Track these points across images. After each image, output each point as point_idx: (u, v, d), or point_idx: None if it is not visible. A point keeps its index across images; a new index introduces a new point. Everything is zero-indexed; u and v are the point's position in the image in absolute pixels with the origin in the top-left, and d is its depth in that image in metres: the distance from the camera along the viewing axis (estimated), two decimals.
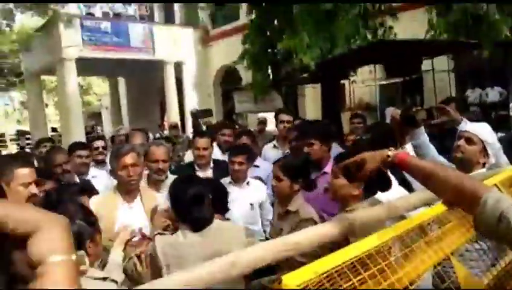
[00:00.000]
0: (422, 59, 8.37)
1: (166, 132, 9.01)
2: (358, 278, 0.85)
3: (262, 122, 7.31)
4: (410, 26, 7.43)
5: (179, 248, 1.82)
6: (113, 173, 2.51)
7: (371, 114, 9.17)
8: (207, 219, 1.90)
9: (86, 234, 1.52)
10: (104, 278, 1.52)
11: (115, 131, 5.52)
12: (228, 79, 14.33)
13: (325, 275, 0.80)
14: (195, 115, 5.04)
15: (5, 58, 16.92)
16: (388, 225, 1.44)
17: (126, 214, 2.34)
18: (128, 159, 2.36)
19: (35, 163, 3.39)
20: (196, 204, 1.88)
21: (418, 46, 6.72)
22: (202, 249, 1.80)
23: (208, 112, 5.33)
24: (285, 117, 3.93)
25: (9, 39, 13.32)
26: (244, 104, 9.83)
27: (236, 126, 6.13)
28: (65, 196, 1.91)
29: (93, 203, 2.26)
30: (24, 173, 1.93)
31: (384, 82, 10.03)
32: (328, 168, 2.81)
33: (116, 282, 1.57)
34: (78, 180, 3.17)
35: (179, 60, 14.25)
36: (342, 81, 8.92)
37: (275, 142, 4.09)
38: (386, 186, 1.84)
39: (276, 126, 4.08)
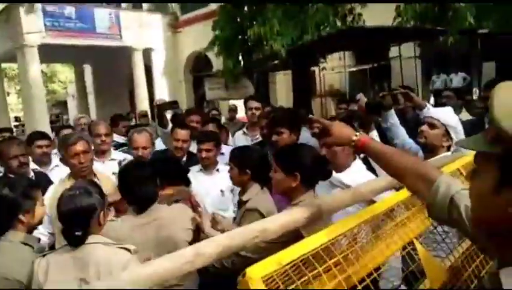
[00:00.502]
0: (390, 46, 8.51)
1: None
2: (324, 266, 0.85)
3: (233, 110, 7.28)
4: (378, 13, 7.50)
5: (119, 231, 1.86)
6: (63, 160, 2.57)
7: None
8: (149, 199, 1.98)
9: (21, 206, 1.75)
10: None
11: (75, 120, 5.34)
12: (199, 66, 14.12)
13: (289, 265, 0.80)
14: (160, 106, 4.90)
15: None
16: (357, 209, 1.46)
17: None
18: (79, 146, 2.43)
19: None
20: (138, 184, 1.96)
21: (386, 33, 6.82)
22: (141, 232, 1.87)
23: (173, 104, 5.19)
24: (253, 104, 3.90)
25: None
26: (216, 91, 9.72)
27: (209, 113, 6.07)
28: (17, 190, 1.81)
29: (50, 193, 2.38)
30: None
31: (353, 69, 10.17)
32: None
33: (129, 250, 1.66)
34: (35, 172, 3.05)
35: (147, 46, 13.88)
36: (312, 68, 8.96)
37: (244, 129, 4.07)
38: (326, 176, 1.92)
39: (246, 113, 4.05)
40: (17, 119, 21.08)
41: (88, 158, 2.47)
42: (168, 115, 4.83)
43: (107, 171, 2.82)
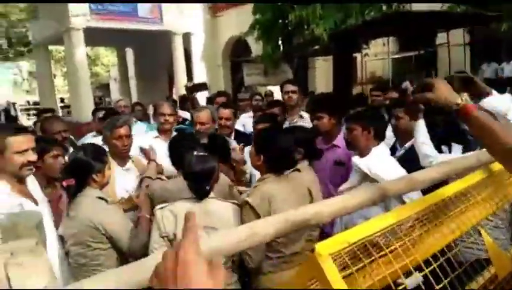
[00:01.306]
0: (437, 32, 8.15)
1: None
2: (390, 249, 0.83)
3: (269, 95, 7.26)
4: None
5: (169, 190, 2.14)
6: (105, 141, 2.70)
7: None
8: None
9: (94, 167, 2.08)
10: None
11: (114, 103, 5.64)
12: (237, 51, 14.13)
13: (356, 244, 0.79)
14: (190, 89, 5.10)
15: (12, 27, 16.78)
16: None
17: (122, 176, 2.59)
18: (123, 130, 2.59)
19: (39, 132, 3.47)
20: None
21: (434, 18, 6.52)
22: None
23: (203, 86, 5.44)
24: (290, 87, 3.87)
25: (17, 8, 13.15)
26: (254, 76, 9.71)
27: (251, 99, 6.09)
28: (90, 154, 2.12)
29: None
30: (18, 141, 1.91)
31: (397, 56, 9.84)
32: (337, 141, 2.88)
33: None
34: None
35: (187, 30, 14.01)
36: (354, 54, 8.74)
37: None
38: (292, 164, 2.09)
39: (282, 97, 4.03)
40: (62, 100, 22.07)
41: (129, 142, 2.65)
42: (202, 98, 4.98)
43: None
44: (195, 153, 2.00)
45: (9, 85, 24.61)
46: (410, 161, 2.36)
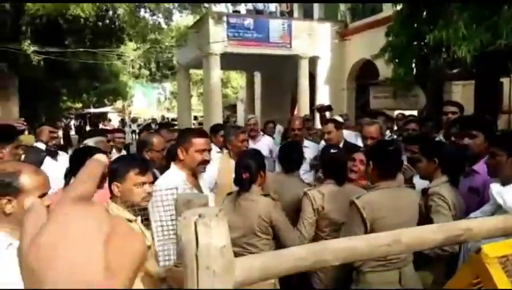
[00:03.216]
0: None
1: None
2: None
3: (399, 119, 6.92)
4: None
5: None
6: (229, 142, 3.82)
7: None
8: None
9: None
10: None
11: (246, 119, 6.66)
12: (364, 74, 13.88)
13: None
14: (319, 109, 6.22)
15: (161, 53, 19.34)
16: None
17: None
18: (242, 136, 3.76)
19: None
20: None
21: None
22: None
23: (328, 107, 6.29)
24: (450, 108, 3.79)
25: (168, 36, 15.16)
26: (381, 99, 9.40)
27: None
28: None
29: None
30: (200, 142, 2.36)
31: None
32: (477, 167, 2.63)
33: None
34: None
35: (314, 54, 14.34)
36: (501, 79, 7.83)
37: None
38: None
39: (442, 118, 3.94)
40: (195, 118, 24.46)
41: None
42: None
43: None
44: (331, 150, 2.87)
45: (154, 103, 28.28)
46: None
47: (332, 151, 2.86)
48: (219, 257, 0.67)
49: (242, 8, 14.04)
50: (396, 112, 8.44)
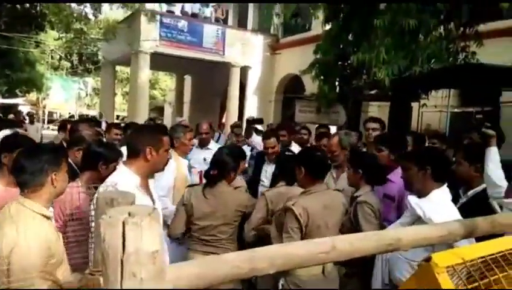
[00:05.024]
0: (501, 90, 7.87)
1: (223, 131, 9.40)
2: (503, 274, 0.79)
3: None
4: (494, 54, 7.01)
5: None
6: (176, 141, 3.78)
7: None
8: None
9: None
10: None
11: (176, 122, 6.66)
12: (291, 88, 14.38)
13: (470, 263, 0.77)
14: (250, 121, 6.27)
15: (86, 45, 18.17)
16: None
17: None
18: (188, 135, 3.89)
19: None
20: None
21: (500, 75, 6.33)
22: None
23: (260, 121, 6.57)
24: (372, 125, 4.04)
25: (95, 28, 14.29)
26: (306, 113, 9.78)
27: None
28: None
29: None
30: (167, 141, 2.20)
31: (457, 110, 9.57)
32: (392, 177, 2.97)
33: None
34: None
35: (246, 64, 14.54)
36: (412, 103, 8.61)
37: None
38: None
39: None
40: (117, 117, 23.29)
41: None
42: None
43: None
44: None
45: (74, 98, 26.40)
46: (472, 211, 2.23)
47: (287, 153, 3.28)
48: (149, 263, 0.61)
49: (176, 8, 13.71)
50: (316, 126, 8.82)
